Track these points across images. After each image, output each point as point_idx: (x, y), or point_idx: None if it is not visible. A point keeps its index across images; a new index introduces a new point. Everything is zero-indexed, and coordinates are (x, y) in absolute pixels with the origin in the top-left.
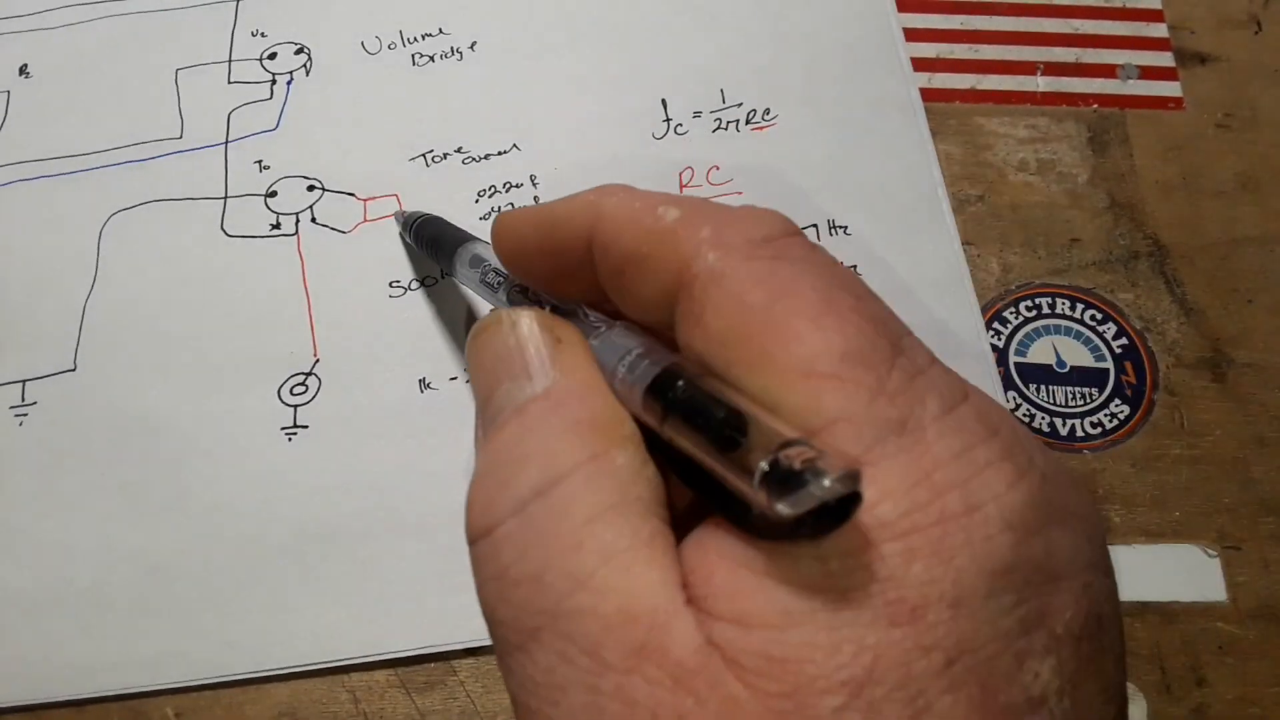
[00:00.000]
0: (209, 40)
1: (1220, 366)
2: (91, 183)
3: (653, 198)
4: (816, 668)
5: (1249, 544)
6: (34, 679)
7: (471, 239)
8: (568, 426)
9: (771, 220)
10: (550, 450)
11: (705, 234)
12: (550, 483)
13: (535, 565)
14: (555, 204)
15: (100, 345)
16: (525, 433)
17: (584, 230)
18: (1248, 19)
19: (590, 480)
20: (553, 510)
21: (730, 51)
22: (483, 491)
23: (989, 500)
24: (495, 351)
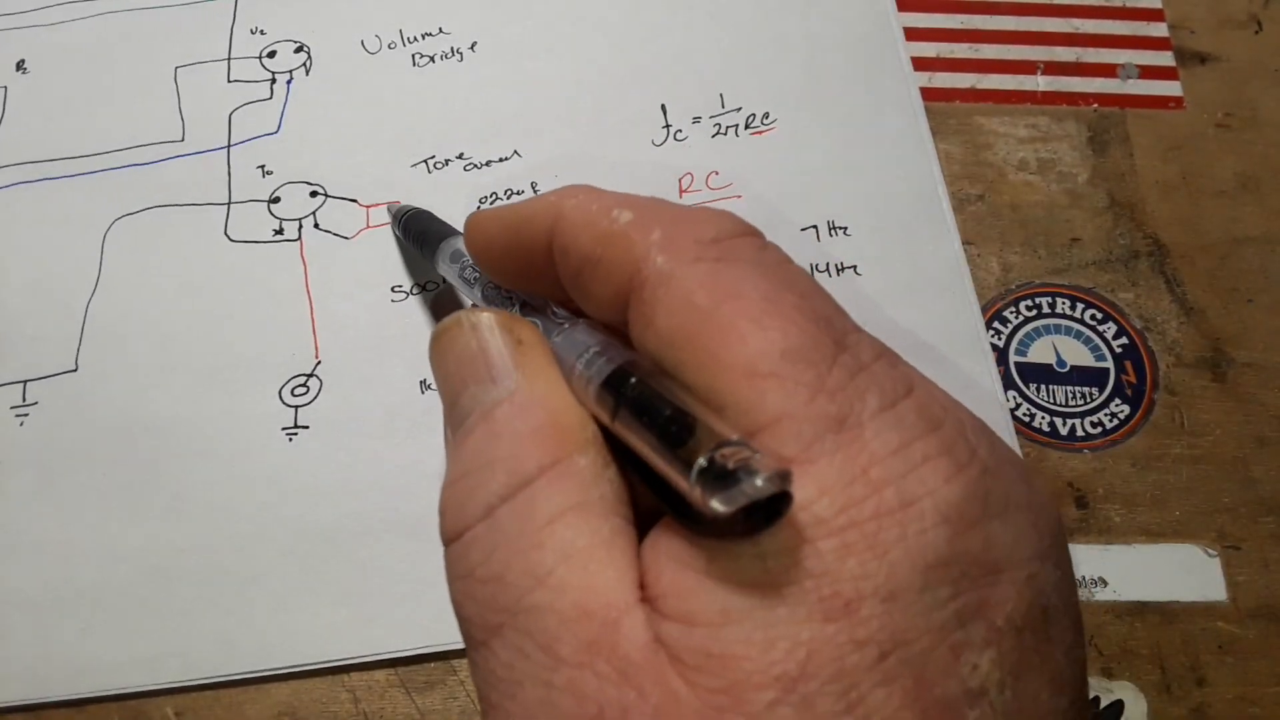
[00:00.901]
0: (208, 37)
1: (1220, 366)
2: (95, 186)
3: (609, 200)
4: (752, 664)
5: (1249, 543)
6: (34, 678)
7: (455, 234)
8: (532, 430)
9: (721, 221)
10: (516, 455)
11: (656, 237)
12: (516, 487)
13: (499, 565)
14: (521, 204)
15: (102, 346)
16: (492, 438)
17: (545, 231)
18: (1248, 19)
19: (553, 483)
20: (517, 513)
21: (729, 56)
22: (453, 497)
23: (924, 495)
24: (458, 354)
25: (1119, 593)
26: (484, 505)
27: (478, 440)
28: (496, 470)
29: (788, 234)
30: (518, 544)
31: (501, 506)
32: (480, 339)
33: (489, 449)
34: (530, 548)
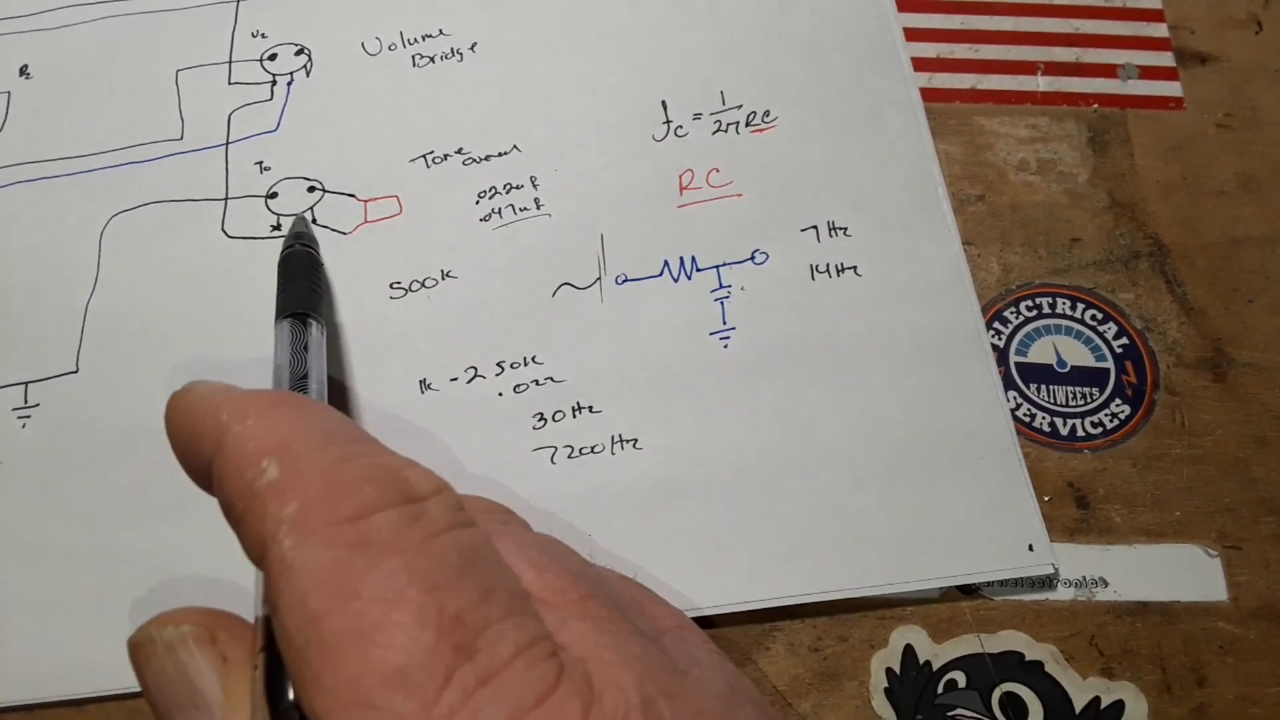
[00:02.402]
0: (209, 41)
1: (1221, 366)
2: (92, 184)
3: (267, 441)
4: None
5: (1250, 544)
6: (34, 679)
7: (307, 314)
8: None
9: (367, 494)
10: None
11: (290, 510)
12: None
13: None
14: (196, 408)
15: (102, 347)
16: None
17: (208, 456)
18: (1248, 19)
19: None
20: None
21: (730, 53)
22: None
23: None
24: (156, 677)
25: (1119, 593)
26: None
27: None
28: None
29: (788, 234)
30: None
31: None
32: (178, 662)
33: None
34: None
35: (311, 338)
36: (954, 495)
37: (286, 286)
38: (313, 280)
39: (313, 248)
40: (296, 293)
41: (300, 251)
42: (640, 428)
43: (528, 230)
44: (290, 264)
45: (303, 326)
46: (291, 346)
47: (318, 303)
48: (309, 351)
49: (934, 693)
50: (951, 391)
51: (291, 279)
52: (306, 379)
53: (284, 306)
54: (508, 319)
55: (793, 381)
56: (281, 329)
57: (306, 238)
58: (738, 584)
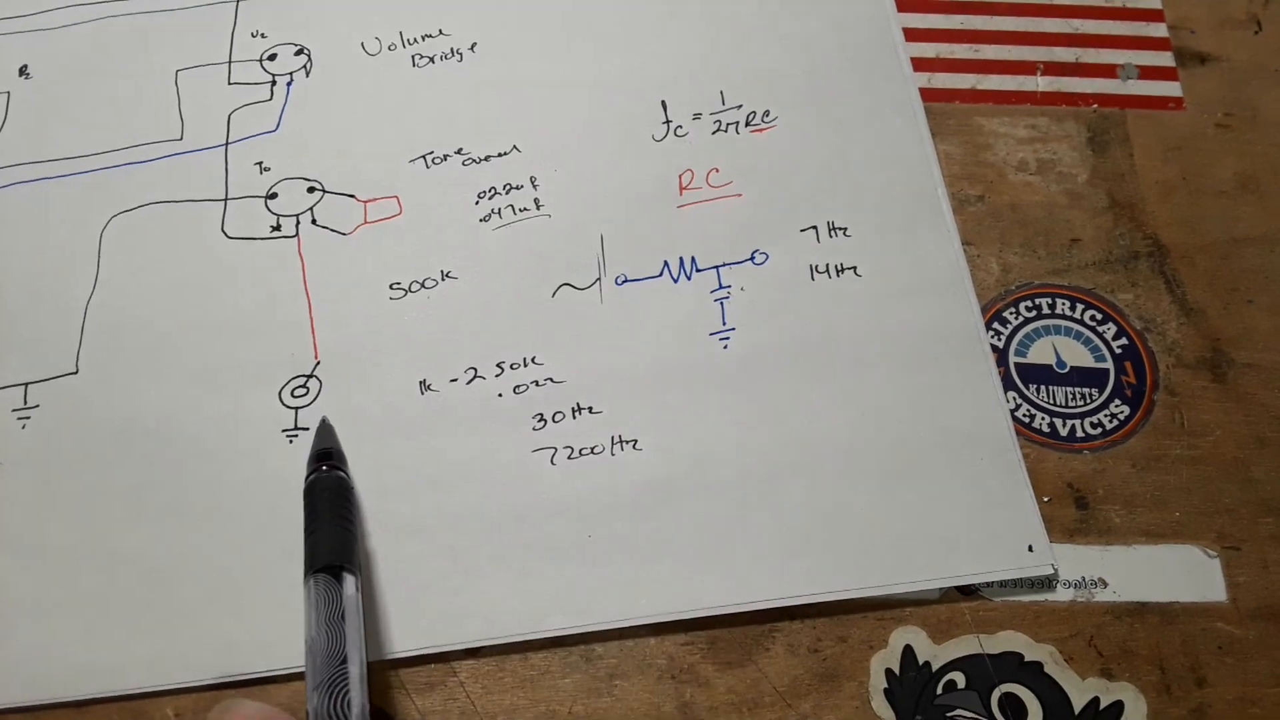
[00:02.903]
0: (209, 41)
1: (1220, 367)
2: (92, 184)
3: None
4: None
5: (1249, 544)
6: (35, 679)
7: (341, 568)
8: None
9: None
10: None
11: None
12: None
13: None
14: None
15: (102, 348)
16: None
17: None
18: (1248, 19)
19: None
20: None
21: (730, 53)
22: None
23: None
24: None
25: (1119, 593)
26: None
27: None
28: None
29: (788, 234)
30: None
31: None
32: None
33: None
34: None
35: (347, 600)
36: (953, 496)
37: (315, 529)
38: (344, 518)
39: (342, 468)
40: (329, 539)
41: (327, 479)
42: (640, 428)
43: (528, 230)
44: (318, 497)
45: (337, 585)
46: (327, 617)
47: (352, 550)
48: (346, 621)
49: (933, 693)
50: (951, 392)
51: (321, 518)
52: (345, 664)
53: (314, 558)
54: (508, 319)
55: (793, 382)
56: (313, 591)
57: (334, 456)
58: (738, 584)
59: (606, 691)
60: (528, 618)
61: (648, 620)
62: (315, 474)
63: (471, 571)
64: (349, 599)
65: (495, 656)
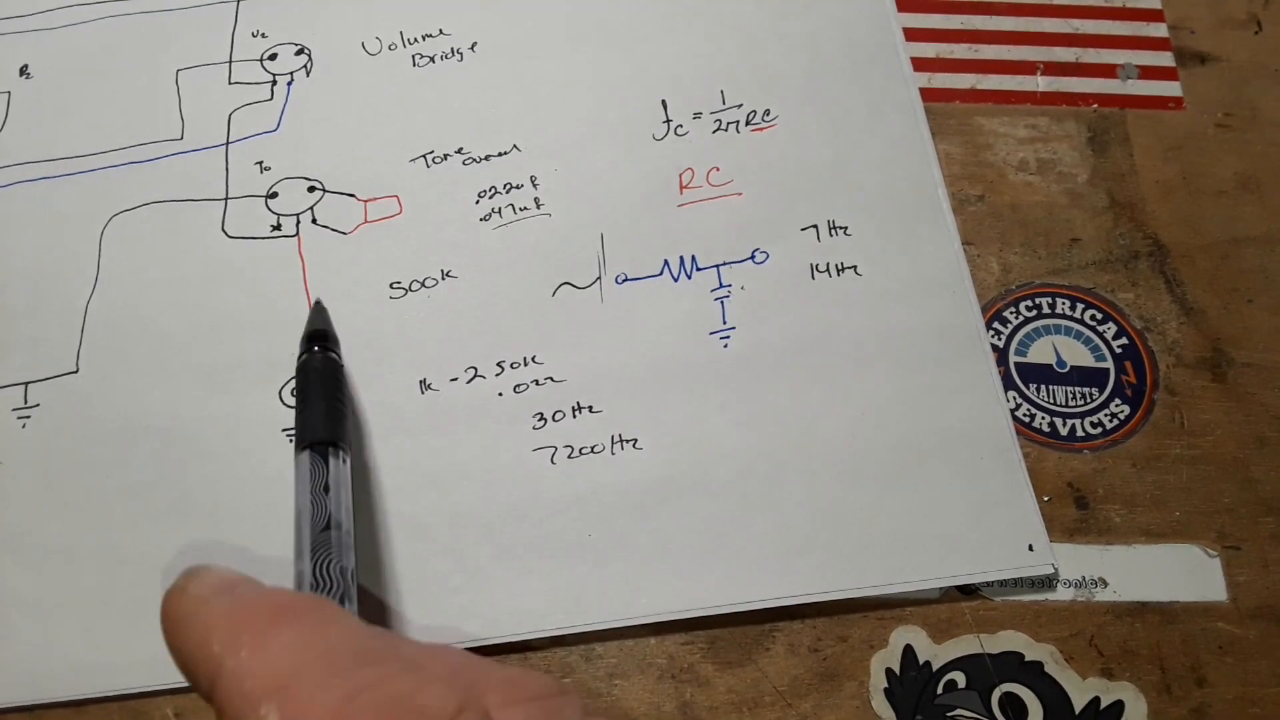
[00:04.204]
0: (209, 41)
1: (1220, 366)
2: (92, 184)
3: (268, 676)
4: None
5: (1249, 544)
6: (35, 679)
7: (329, 444)
8: None
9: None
10: None
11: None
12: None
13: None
14: (192, 632)
15: (102, 347)
16: None
17: (206, 685)
18: (1248, 18)
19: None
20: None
21: (730, 52)
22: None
23: None
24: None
25: (1119, 593)
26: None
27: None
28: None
29: (788, 233)
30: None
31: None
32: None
33: None
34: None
35: (333, 474)
36: (954, 495)
37: (305, 408)
38: (335, 397)
39: (334, 350)
40: (316, 417)
41: (319, 359)
42: (640, 428)
43: (528, 230)
44: (309, 377)
45: (323, 462)
46: (312, 487)
47: (341, 427)
48: (329, 493)
49: (934, 693)
50: (951, 391)
51: (311, 398)
52: (329, 530)
53: (304, 434)
54: (508, 319)
55: (793, 381)
56: (301, 464)
57: (327, 340)
58: (738, 584)
59: (606, 691)
60: (527, 617)
61: (648, 620)
62: (308, 354)
63: (471, 571)
64: (335, 472)
65: (495, 656)
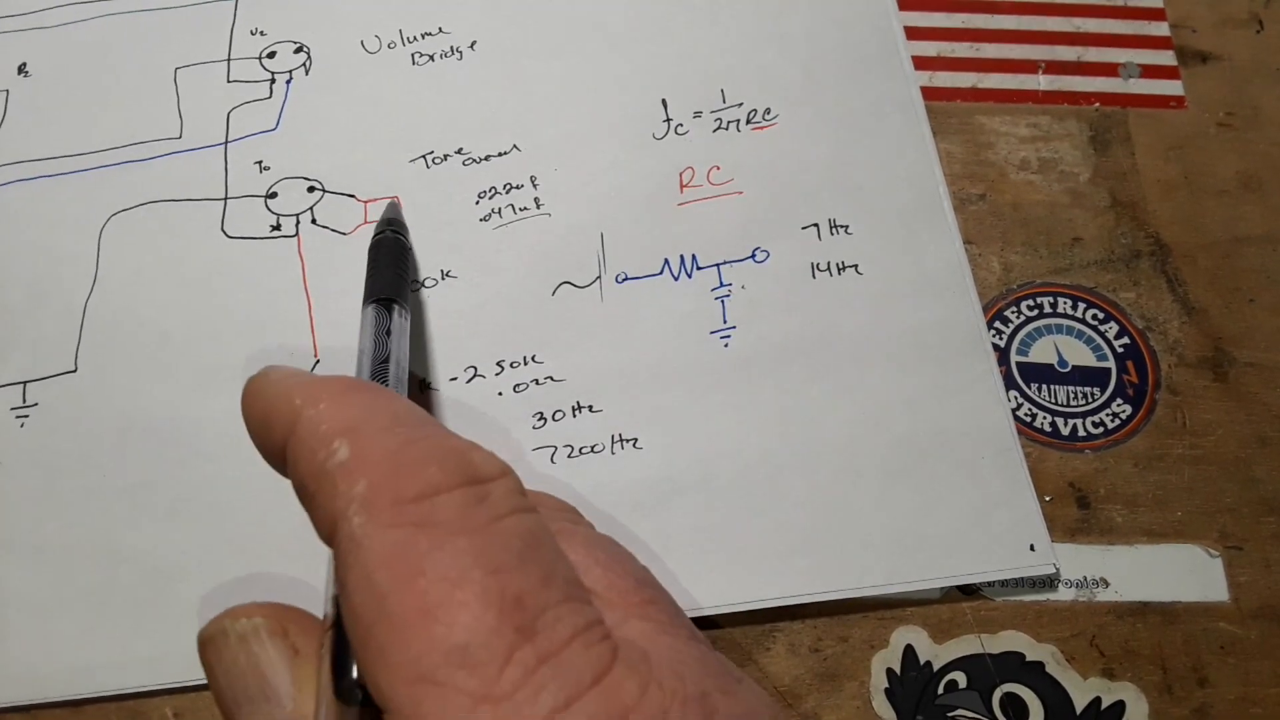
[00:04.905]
0: (208, 39)
1: (1222, 366)
2: (91, 183)
3: (339, 421)
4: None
5: (1251, 544)
6: (33, 679)
7: (392, 301)
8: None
9: (432, 474)
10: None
11: (359, 489)
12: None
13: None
14: (272, 391)
15: (101, 346)
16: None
17: (282, 438)
18: (1249, 18)
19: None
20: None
21: (730, 51)
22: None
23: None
24: (228, 669)
25: (1120, 593)
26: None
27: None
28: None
29: (789, 232)
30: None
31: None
32: (250, 654)
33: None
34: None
35: (395, 323)
36: (955, 495)
37: (375, 272)
38: (400, 268)
39: (403, 234)
40: (384, 279)
41: (390, 238)
42: (640, 427)
43: (528, 230)
44: (380, 250)
45: (387, 313)
46: (375, 331)
47: (404, 290)
48: (391, 336)
49: (934, 693)
50: (952, 391)
51: (380, 265)
52: (387, 363)
53: (371, 292)
54: (508, 319)
55: (793, 380)
56: (366, 314)
57: (397, 224)
58: (738, 584)
59: None
60: None
61: None
62: (380, 234)
63: None
64: (396, 322)
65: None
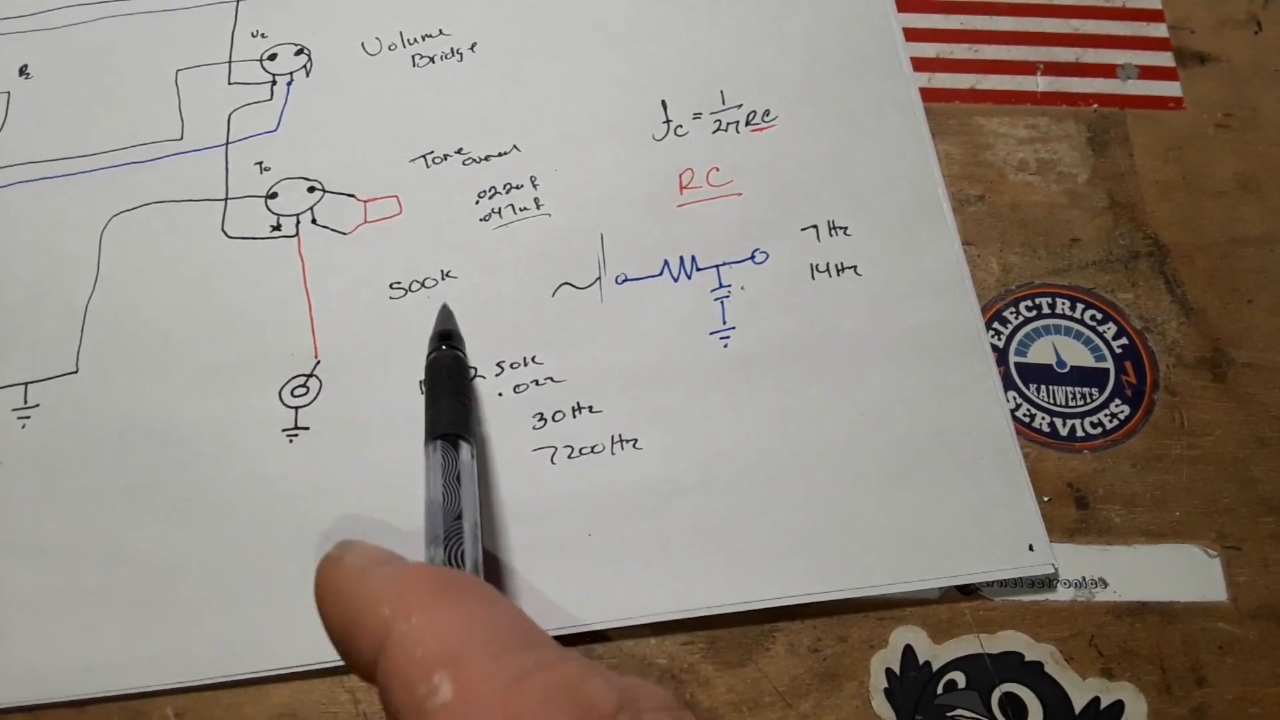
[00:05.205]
0: (209, 41)
1: (1220, 366)
2: (92, 184)
3: (439, 645)
4: None
5: (1249, 544)
6: (34, 679)
7: (459, 435)
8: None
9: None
10: None
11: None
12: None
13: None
14: (354, 593)
15: (102, 347)
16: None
17: (370, 655)
18: (1248, 19)
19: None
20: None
21: (730, 52)
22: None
23: None
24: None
25: (1119, 593)
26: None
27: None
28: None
29: (788, 234)
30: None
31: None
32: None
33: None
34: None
35: (463, 464)
36: (954, 495)
37: (436, 402)
38: (463, 393)
39: (460, 349)
40: (447, 411)
41: (448, 358)
42: (640, 428)
43: (528, 230)
44: (438, 372)
45: (454, 451)
46: (444, 478)
47: (470, 421)
48: (461, 484)
49: (934, 693)
50: (951, 391)
51: (440, 393)
52: (461, 520)
53: (434, 426)
54: (508, 319)
55: (793, 381)
56: (433, 455)
57: (453, 337)
58: (738, 584)
59: None
60: None
61: (648, 620)
62: (436, 352)
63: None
64: (465, 464)
65: None
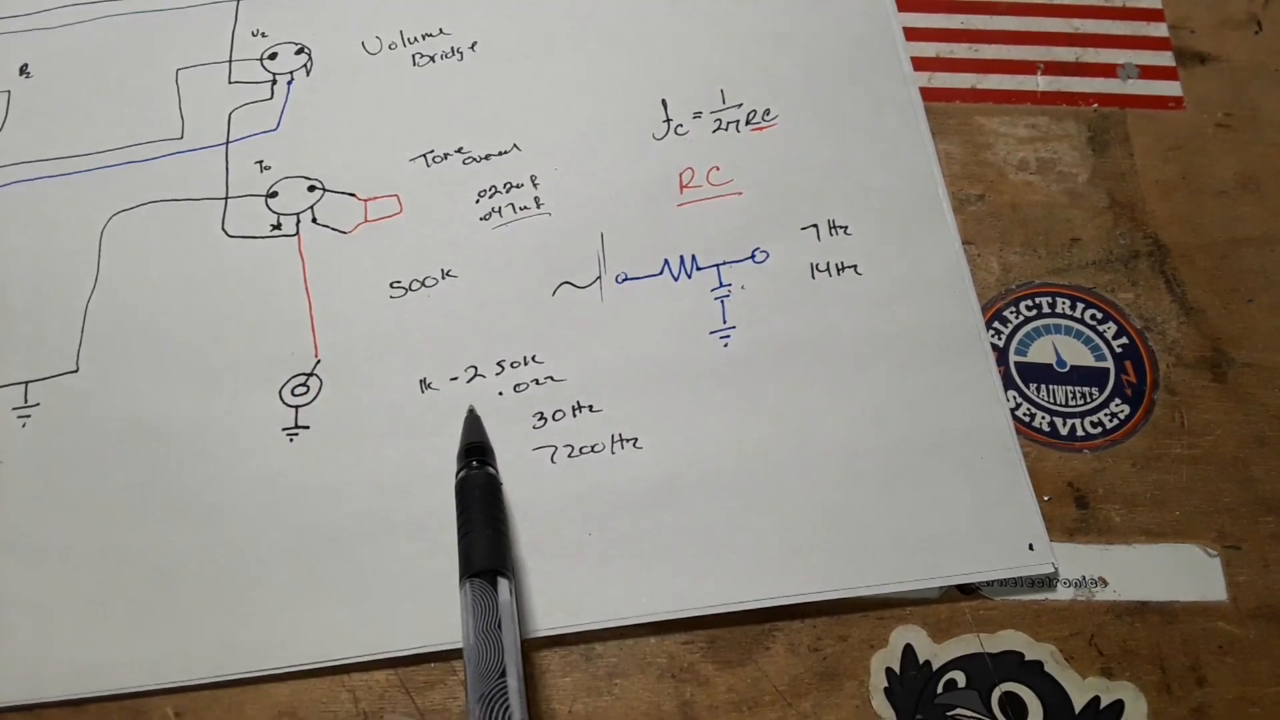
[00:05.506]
0: (209, 40)
1: (1220, 366)
2: (92, 183)
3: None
4: None
5: (1249, 543)
6: (35, 678)
7: (496, 572)
8: None
9: None
10: None
11: None
12: None
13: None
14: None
15: (102, 347)
16: None
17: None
18: (1248, 19)
19: None
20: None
21: (730, 52)
22: None
23: None
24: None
25: (1119, 593)
26: None
27: None
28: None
29: (788, 233)
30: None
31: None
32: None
33: None
34: None
35: (503, 606)
36: (954, 495)
37: (468, 531)
38: (496, 518)
39: (492, 463)
40: (482, 543)
41: (480, 476)
42: (640, 427)
43: (528, 229)
44: (468, 494)
45: (492, 590)
46: (484, 625)
47: (505, 553)
48: (503, 629)
49: (934, 692)
50: (951, 391)
51: (473, 519)
52: (505, 677)
53: (469, 562)
54: (508, 318)
55: (793, 380)
56: (467, 596)
57: (482, 451)
58: (738, 584)
59: (606, 690)
60: (528, 616)
61: (648, 619)
62: (466, 470)
63: None
64: (504, 605)
65: None
